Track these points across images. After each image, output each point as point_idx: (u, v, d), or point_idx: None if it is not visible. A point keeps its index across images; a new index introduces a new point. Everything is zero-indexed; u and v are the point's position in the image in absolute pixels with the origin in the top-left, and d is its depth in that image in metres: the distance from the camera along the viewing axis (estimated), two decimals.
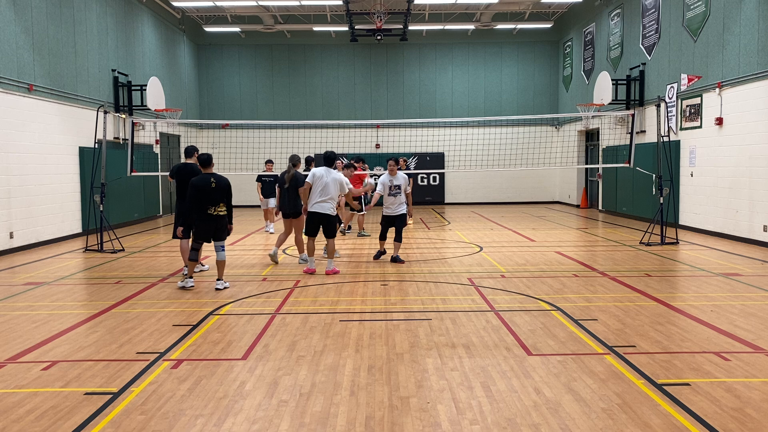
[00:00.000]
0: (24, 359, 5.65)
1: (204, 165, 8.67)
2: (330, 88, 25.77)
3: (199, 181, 8.50)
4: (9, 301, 8.14)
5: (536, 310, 7.32)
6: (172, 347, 5.94)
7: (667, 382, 4.89)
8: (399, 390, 4.80)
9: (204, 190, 8.45)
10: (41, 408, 4.51)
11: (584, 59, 22.54)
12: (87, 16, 16.03)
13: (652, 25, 17.06)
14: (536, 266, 10.35)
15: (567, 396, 4.64)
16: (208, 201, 8.48)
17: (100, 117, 12.95)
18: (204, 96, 25.65)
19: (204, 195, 8.45)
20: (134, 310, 7.47)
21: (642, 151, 16.33)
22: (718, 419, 4.22)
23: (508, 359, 5.51)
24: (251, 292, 8.46)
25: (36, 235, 13.41)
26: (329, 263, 9.88)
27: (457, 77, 25.84)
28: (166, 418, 4.32)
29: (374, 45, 25.18)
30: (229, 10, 22.89)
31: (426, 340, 6.10)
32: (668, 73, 16.18)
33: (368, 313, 7.31)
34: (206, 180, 8.50)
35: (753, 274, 9.52)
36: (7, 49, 12.56)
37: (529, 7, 22.84)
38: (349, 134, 24.43)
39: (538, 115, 21.03)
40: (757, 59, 12.49)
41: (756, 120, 12.54)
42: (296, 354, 5.71)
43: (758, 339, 6.06)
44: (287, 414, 4.38)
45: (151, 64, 20.18)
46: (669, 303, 7.60)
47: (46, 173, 13.78)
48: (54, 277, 9.78)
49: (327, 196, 9.65)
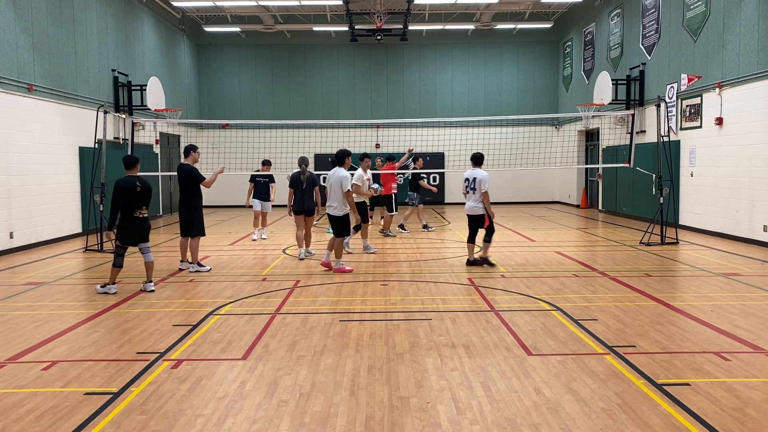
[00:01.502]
0: (24, 359, 5.65)
1: (129, 167, 8.53)
2: (330, 88, 25.77)
3: (124, 183, 8.32)
4: (9, 301, 8.15)
5: (536, 310, 7.32)
6: (172, 347, 5.94)
7: (667, 382, 4.89)
8: (399, 390, 4.80)
9: (130, 193, 8.30)
10: (41, 408, 4.51)
11: (584, 59, 22.54)
12: (87, 16, 16.03)
13: (652, 25, 17.06)
14: (536, 266, 10.35)
15: (567, 396, 4.64)
16: (134, 204, 8.34)
17: (100, 117, 12.96)
18: (204, 96, 25.65)
19: (130, 198, 8.29)
20: (134, 310, 7.47)
21: (642, 151, 16.33)
22: (718, 419, 4.22)
23: (508, 359, 5.51)
24: (251, 292, 8.46)
25: (36, 235, 13.41)
26: (336, 262, 9.97)
27: (457, 77, 25.84)
28: (166, 418, 4.32)
29: (374, 45, 25.18)
30: (229, 10, 22.88)
31: (426, 340, 6.10)
32: (668, 73, 16.18)
33: (368, 313, 7.32)
34: (132, 183, 8.35)
35: (753, 274, 9.52)
36: (7, 49, 12.56)
37: (529, 7, 22.84)
38: (349, 134, 24.43)
39: (538, 115, 21.05)
40: (757, 59, 12.49)
41: (756, 120, 12.54)
42: (296, 354, 5.71)
43: (758, 339, 6.06)
44: (287, 414, 4.38)
45: (151, 64, 20.18)
46: (669, 303, 7.60)
47: (46, 173, 13.77)
48: (54, 277, 9.78)
49: (332, 197, 9.99)
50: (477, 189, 10.22)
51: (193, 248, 10.10)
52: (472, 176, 10.34)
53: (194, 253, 10.13)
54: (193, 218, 9.97)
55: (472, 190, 10.32)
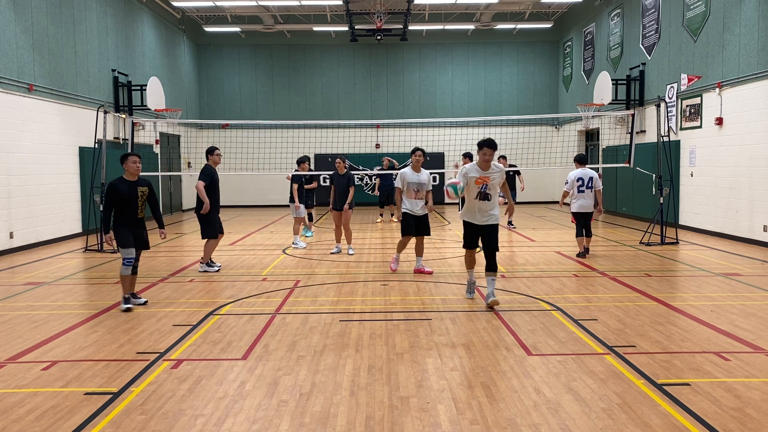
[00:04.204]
0: (24, 359, 5.65)
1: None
2: (330, 88, 25.77)
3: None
4: (9, 301, 8.14)
5: (536, 310, 7.32)
6: (172, 347, 5.94)
7: (667, 382, 4.89)
8: (399, 390, 4.80)
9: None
10: (41, 408, 4.51)
11: (584, 59, 22.54)
12: (87, 16, 16.03)
13: (652, 25, 17.06)
14: (536, 266, 10.34)
15: (567, 396, 4.64)
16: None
17: (100, 117, 12.96)
18: (204, 96, 25.65)
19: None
20: (134, 310, 7.47)
21: (642, 151, 16.33)
22: (718, 419, 4.22)
23: (508, 359, 5.51)
24: (251, 292, 8.46)
25: (36, 235, 13.41)
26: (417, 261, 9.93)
27: (457, 77, 25.84)
28: (166, 418, 4.32)
29: (374, 45, 25.17)
30: (229, 10, 22.89)
31: (426, 340, 6.10)
32: (668, 73, 16.18)
33: (368, 313, 7.31)
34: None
35: (753, 274, 9.52)
36: (7, 49, 12.56)
37: (529, 7, 22.84)
38: (349, 134, 24.45)
39: (538, 115, 21.02)
40: (757, 59, 12.49)
41: (756, 120, 12.53)
42: (296, 354, 5.71)
43: (758, 339, 6.06)
44: (287, 414, 4.38)
45: (151, 64, 20.18)
46: (669, 303, 7.60)
47: (46, 173, 13.77)
48: (54, 277, 9.77)
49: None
50: (593, 187, 10.91)
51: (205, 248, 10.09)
52: (587, 176, 10.98)
53: (204, 253, 10.11)
54: (205, 220, 9.96)
55: (589, 188, 10.94)
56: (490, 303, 7.29)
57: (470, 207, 7.44)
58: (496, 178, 7.34)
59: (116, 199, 7.50)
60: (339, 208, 11.78)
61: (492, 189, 7.33)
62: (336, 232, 12.06)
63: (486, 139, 7.32)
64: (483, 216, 7.40)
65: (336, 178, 11.89)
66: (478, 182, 7.27)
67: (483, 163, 7.27)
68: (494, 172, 7.32)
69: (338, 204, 11.79)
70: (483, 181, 7.25)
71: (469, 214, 7.48)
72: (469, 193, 7.40)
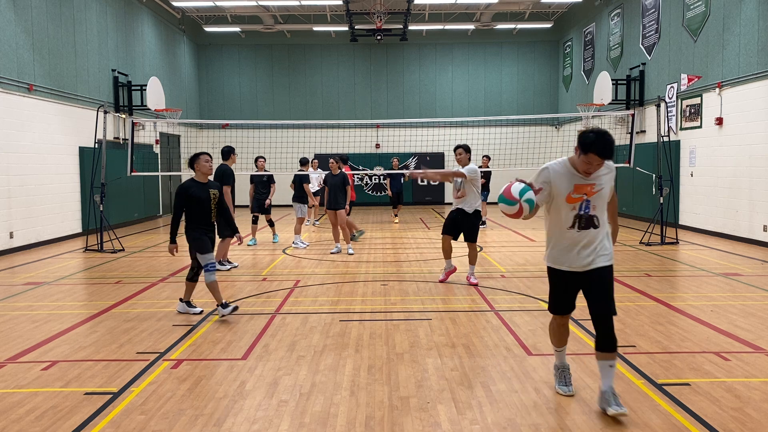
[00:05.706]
0: (24, 359, 5.65)
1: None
2: (330, 88, 25.77)
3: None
4: (9, 301, 8.14)
5: (536, 310, 7.32)
6: (172, 347, 5.94)
7: (667, 382, 4.89)
8: (399, 390, 4.80)
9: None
10: (41, 408, 4.51)
11: (584, 59, 22.54)
12: (87, 16, 16.03)
13: (652, 25, 17.06)
14: (536, 266, 10.34)
15: (567, 396, 4.64)
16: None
17: (100, 117, 12.95)
18: (204, 96, 25.64)
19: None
20: (134, 310, 7.47)
21: (642, 151, 16.33)
22: (718, 419, 4.22)
23: (508, 359, 5.51)
24: (251, 292, 8.46)
25: (36, 235, 13.41)
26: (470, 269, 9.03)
27: (457, 77, 25.84)
28: (166, 418, 4.32)
29: (374, 45, 25.17)
30: (229, 10, 22.89)
31: (426, 340, 6.10)
32: (668, 73, 16.18)
33: (368, 313, 7.31)
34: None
35: (753, 274, 9.52)
36: (7, 49, 12.56)
37: (529, 7, 22.84)
38: (349, 134, 24.43)
39: (538, 115, 21.00)
40: (757, 59, 12.49)
41: (756, 120, 12.53)
42: (296, 354, 5.71)
43: (758, 339, 6.06)
44: (287, 414, 4.38)
45: (151, 64, 20.18)
46: (669, 303, 7.60)
47: (46, 173, 13.78)
48: (54, 277, 9.77)
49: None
50: None
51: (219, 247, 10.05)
52: None
53: (219, 252, 10.04)
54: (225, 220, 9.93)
55: None
56: (614, 414, 4.18)
57: (559, 241, 4.43)
58: (604, 186, 4.32)
59: (190, 203, 6.95)
60: (333, 207, 11.86)
61: (599, 209, 4.32)
62: (334, 231, 12.14)
63: (597, 135, 4.11)
64: (585, 254, 4.34)
65: (329, 179, 12.05)
66: (574, 199, 4.29)
67: (584, 165, 4.19)
68: (603, 175, 4.30)
69: (332, 204, 11.88)
70: (584, 195, 4.27)
71: (558, 252, 4.44)
72: (556, 218, 4.43)
